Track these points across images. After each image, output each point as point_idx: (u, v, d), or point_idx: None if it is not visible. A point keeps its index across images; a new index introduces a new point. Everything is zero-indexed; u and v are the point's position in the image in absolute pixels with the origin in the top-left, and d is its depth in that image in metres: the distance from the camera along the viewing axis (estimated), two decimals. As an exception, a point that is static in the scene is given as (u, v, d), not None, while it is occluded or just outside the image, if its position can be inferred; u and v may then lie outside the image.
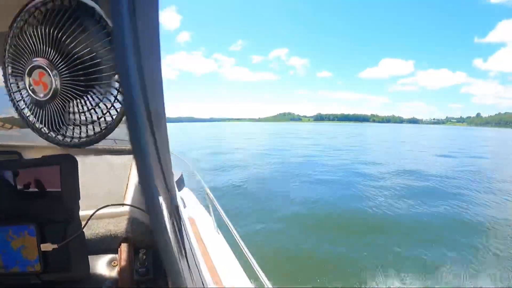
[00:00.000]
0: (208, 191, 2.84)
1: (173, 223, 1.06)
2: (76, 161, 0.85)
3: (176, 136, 44.40)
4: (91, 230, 1.10)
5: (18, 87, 0.85)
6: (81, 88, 0.78)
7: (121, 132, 0.92)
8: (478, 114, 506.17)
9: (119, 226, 1.16)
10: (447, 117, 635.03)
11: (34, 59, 0.73)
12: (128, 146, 0.98)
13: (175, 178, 1.79)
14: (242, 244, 2.04)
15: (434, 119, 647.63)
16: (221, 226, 2.55)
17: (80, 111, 0.84)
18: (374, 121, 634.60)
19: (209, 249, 2.01)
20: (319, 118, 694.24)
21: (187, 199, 2.98)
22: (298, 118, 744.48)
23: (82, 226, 0.90)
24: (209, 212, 2.82)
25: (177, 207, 1.22)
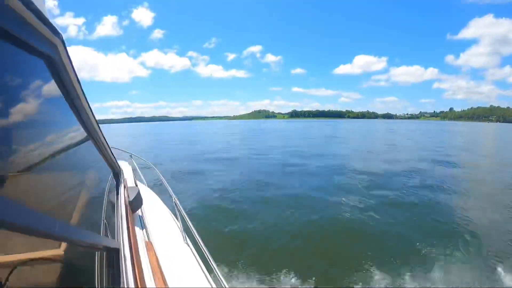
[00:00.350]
0: (177, 201, 2.67)
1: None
2: None
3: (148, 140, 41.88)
4: None
5: None
6: None
7: None
8: (451, 109, 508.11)
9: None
10: (420, 112, 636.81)
11: None
12: None
13: (131, 196, 1.57)
14: (211, 260, 1.87)
15: (408, 114, 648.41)
16: (190, 235, 2.36)
17: None
18: (349, 117, 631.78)
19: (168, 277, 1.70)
20: (294, 114, 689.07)
21: (150, 210, 2.68)
22: (273, 115, 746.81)
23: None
24: (176, 220, 2.66)
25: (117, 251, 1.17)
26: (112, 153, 1.33)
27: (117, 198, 1.27)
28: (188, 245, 2.12)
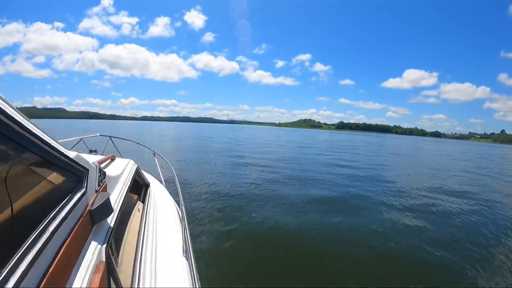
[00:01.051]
0: (184, 209, 2.75)
1: None
2: None
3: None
4: None
5: None
6: None
7: None
8: (502, 131, 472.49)
9: None
10: (470, 132, 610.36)
11: None
12: None
13: (96, 203, 1.30)
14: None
15: (457, 134, 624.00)
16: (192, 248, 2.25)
17: None
18: (396, 132, 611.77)
19: None
20: (341, 126, 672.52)
21: (154, 212, 2.84)
22: (319, 126, 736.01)
23: None
24: (180, 228, 2.62)
25: None
26: (70, 158, 1.08)
27: (73, 206, 1.03)
28: (188, 260, 1.98)
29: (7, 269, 0.67)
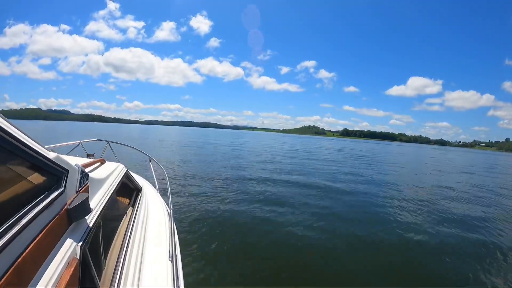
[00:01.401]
0: (171, 213, 2.85)
1: None
2: None
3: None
4: None
5: None
6: None
7: None
8: (507, 139, 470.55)
9: None
10: (474, 140, 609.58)
11: None
12: None
13: (74, 202, 1.34)
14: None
15: (462, 142, 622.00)
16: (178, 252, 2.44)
17: None
18: (401, 140, 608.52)
19: None
20: (346, 133, 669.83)
21: (144, 215, 2.94)
22: (323, 132, 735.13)
23: None
24: (167, 232, 2.68)
25: None
26: (48, 158, 1.17)
27: (48, 204, 1.08)
28: (173, 263, 1.99)
29: None
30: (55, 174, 1.28)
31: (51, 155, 1.22)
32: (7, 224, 0.86)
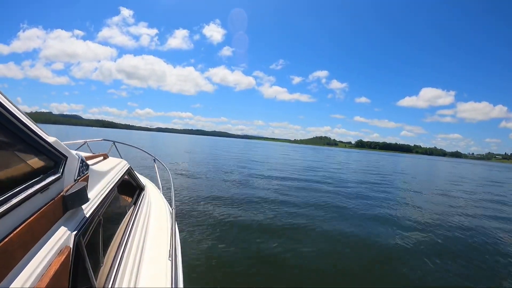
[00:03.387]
0: (174, 213, 2.72)
1: None
2: None
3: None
4: None
5: None
6: None
7: None
8: None
9: None
10: (489, 152, 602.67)
11: None
12: None
13: (71, 190, 1.33)
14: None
15: (478, 154, 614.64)
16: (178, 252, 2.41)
17: None
18: (417, 152, 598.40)
19: None
20: (360, 145, 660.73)
21: (145, 214, 2.93)
22: (334, 143, 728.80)
23: None
24: (167, 231, 2.67)
25: None
26: (47, 142, 1.16)
27: (42, 188, 1.09)
28: (173, 263, 1.93)
29: None
30: (53, 159, 1.25)
31: (50, 139, 1.20)
32: None
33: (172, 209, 2.87)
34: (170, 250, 2.13)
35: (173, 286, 1.70)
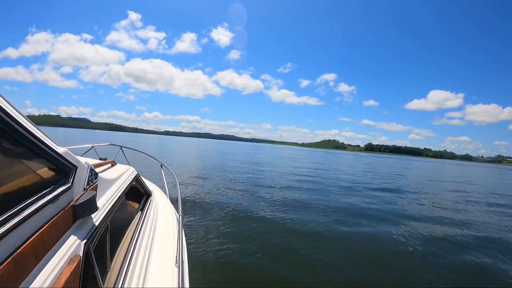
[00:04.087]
0: (180, 220, 2.69)
1: None
2: None
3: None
4: None
5: None
6: None
7: None
8: None
9: None
10: (499, 155, 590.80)
11: None
12: None
13: (81, 199, 1.36)
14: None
15: (482, 156, 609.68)
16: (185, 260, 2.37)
17: None
18: (427, 155, 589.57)
19: None
20: (369, 148, 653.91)
21: (152, 220, 2.92)
22: (343, 146, 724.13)
23: None
24: (174, 238, 2.67)
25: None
26: (57, 153, 1.19)
27: (53, 198, 1.12)
28: (179, 269, 1.91)
29: None
30: (63, 169, 1.28)
31: (61, 149, 1.22)
32: (9, 213, 0.85)
33: (179, 215, 2.85)
34: (177, 256, 2.15)
35: None
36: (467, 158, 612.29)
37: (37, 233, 0.96)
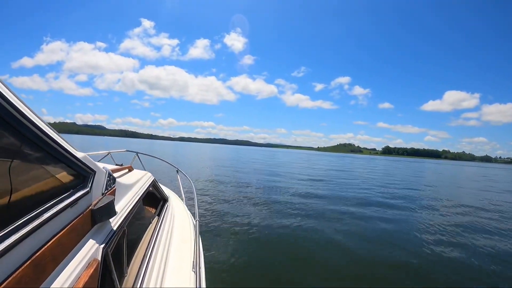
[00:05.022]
0: (197, 224, 2.75)
1: None
2: None
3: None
4: None
5: None
6: None
7: None
8: None
9: None
10: None
11: None
12: None
13: (100, 204, 1.37)
14: None
15: (500, 157, 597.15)
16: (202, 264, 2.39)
17: None
18: (446, 157, 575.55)
19: None
20: (387, 151, 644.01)
21: (168, 225, 2.89)
22: (359, 150, 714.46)
23: None
24: (191, 243, 2.66)
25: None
26: (76, 157, 1.22)
27: (72, 202, 1.14)
28: (196, 274, 1.98)
29: None
30: (82, 174, 1.30)
31: (79, 154, 1.25)
32: (29, 216, 0.87)
33: (196, 221, 2.89)
34: (194, 261, 2.18)
35: None
36: (486, 159, 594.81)
37: (56, 237, 0.98)
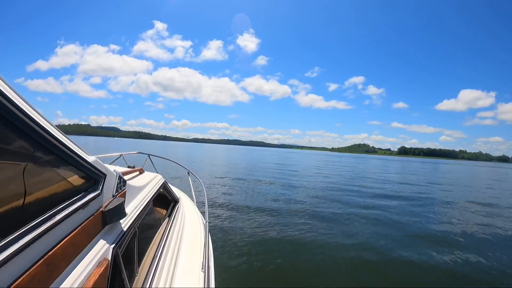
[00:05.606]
0: (207, 226, 2.76)
1: None
2: None
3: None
4: None
5: None
6: None
7: None
8: None
9: None
10: None
11: None
12: None
13: (110, 206, 1.42)
14: None
15: None
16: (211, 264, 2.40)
17: None
18: (463, 157, 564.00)
19: None
20: (403, 151, 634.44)
21: (179, 226, 2.95)
22: (373, 150, 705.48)
23: None
24: (201, 244, 2.70)
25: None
26: (87, 161, 1.26)
27: (84, 204, 1.18)
28: (205, 275, 1.97)
29: (6, 241, 0.77)
30: (93, 177, 1.34)
31: (90, 158, 1.29)
32: (42, 218, 0.92)
33: (206, 222, 2.91)
34: (203, 262, 2.19)
35: None
36: (504, 159, 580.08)
37: (68, 237, 1.02)
